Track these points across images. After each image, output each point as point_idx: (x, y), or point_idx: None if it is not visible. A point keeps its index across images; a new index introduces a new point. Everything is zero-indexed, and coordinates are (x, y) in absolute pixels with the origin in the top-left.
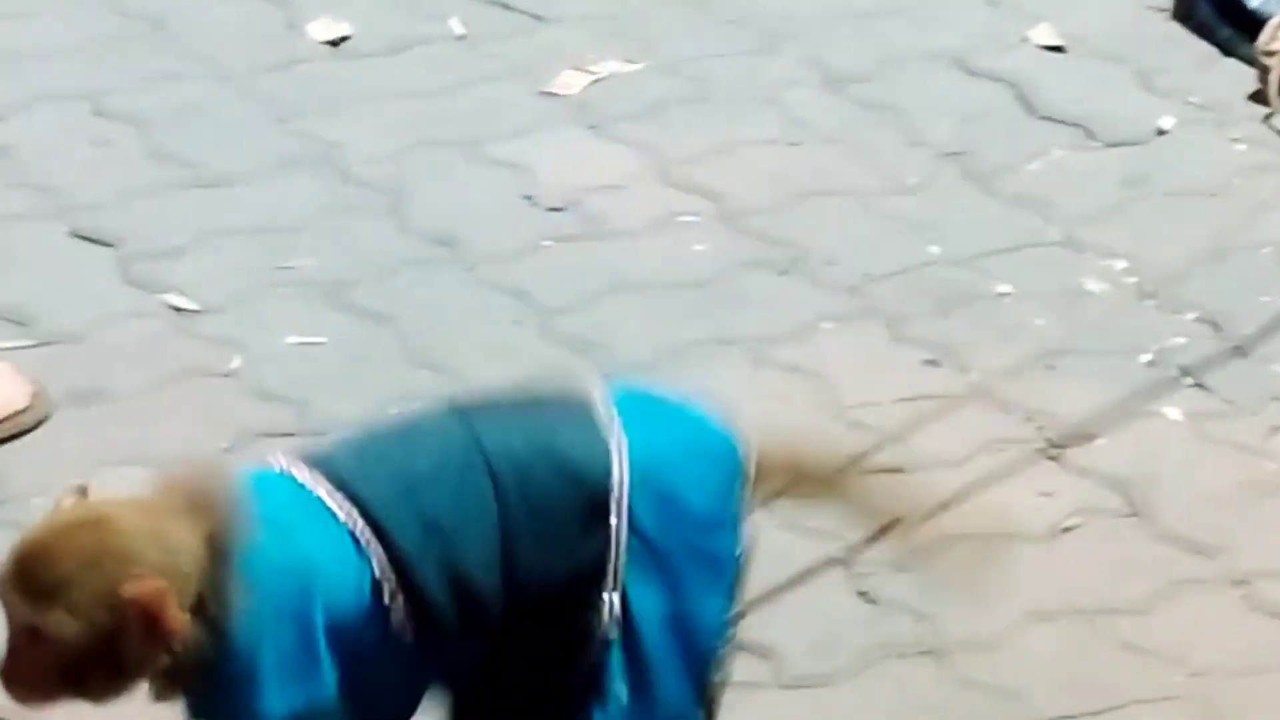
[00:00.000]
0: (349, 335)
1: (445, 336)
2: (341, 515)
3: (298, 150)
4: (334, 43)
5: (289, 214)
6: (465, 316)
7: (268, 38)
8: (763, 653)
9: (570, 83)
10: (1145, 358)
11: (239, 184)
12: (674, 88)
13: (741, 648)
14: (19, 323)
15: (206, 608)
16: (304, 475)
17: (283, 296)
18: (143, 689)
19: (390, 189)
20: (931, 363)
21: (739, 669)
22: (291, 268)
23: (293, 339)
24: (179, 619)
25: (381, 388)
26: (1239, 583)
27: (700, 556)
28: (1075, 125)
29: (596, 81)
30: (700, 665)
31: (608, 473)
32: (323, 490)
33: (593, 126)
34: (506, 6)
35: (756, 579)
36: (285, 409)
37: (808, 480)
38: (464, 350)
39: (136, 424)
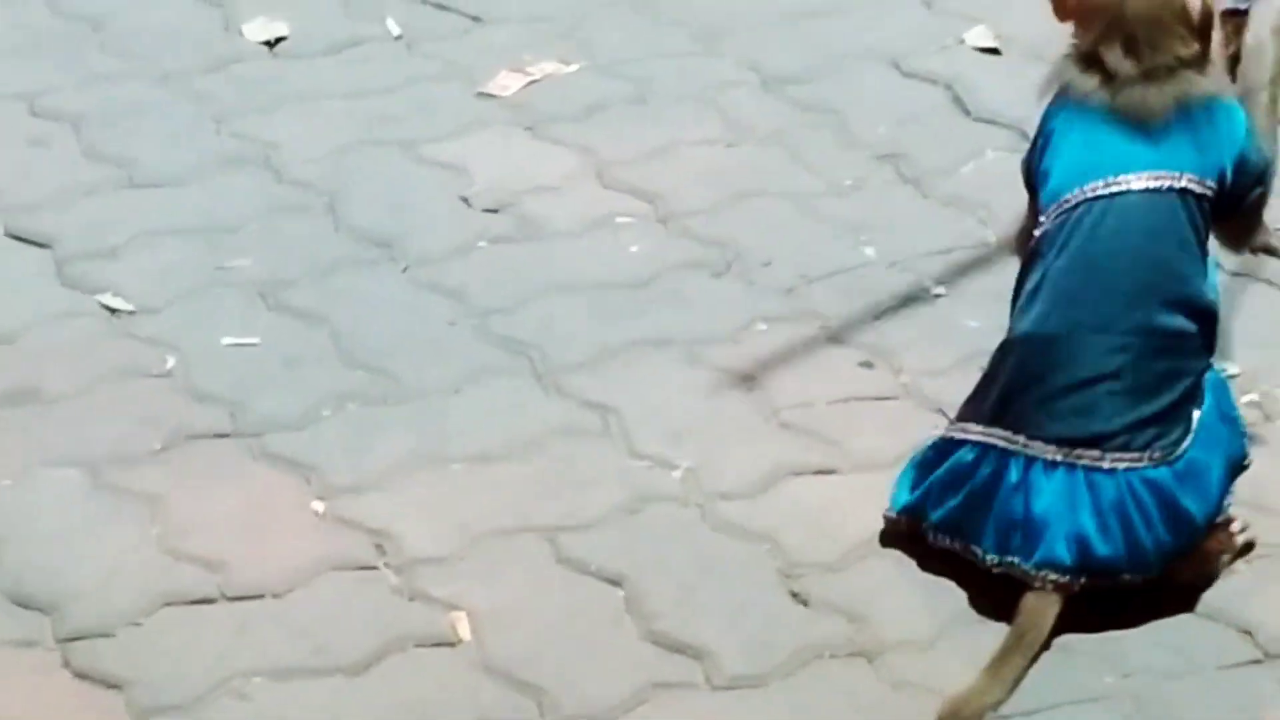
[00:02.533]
0: (284, 335)
1: (380, 337)
2: None
3: (234, 151)
4: (271, 43)
5: (225, 214)
6: (400, 317)
7: (204, 39)
8: (695, 654)
9: (507, 84)
10: None
11: (175, 184)
12: (611, 89)
13: (674, 649)
14: None
15: None
16: None
17: (218, 297)
18: None
19: (326, 189)
20: (866, 364)
21: (671, 670)
22: (227, 268)
23: (228, 339)
24: None
25: (316, 388)
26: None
27: None
28: (1009, 127)
29: (533, 83)
30: None
31: None
32: None
33: (529, 128)
34: (444, 7)
35: (687, 580)
36: (219, 409)
37: None
38: (399, 351)
39: (71, 424)
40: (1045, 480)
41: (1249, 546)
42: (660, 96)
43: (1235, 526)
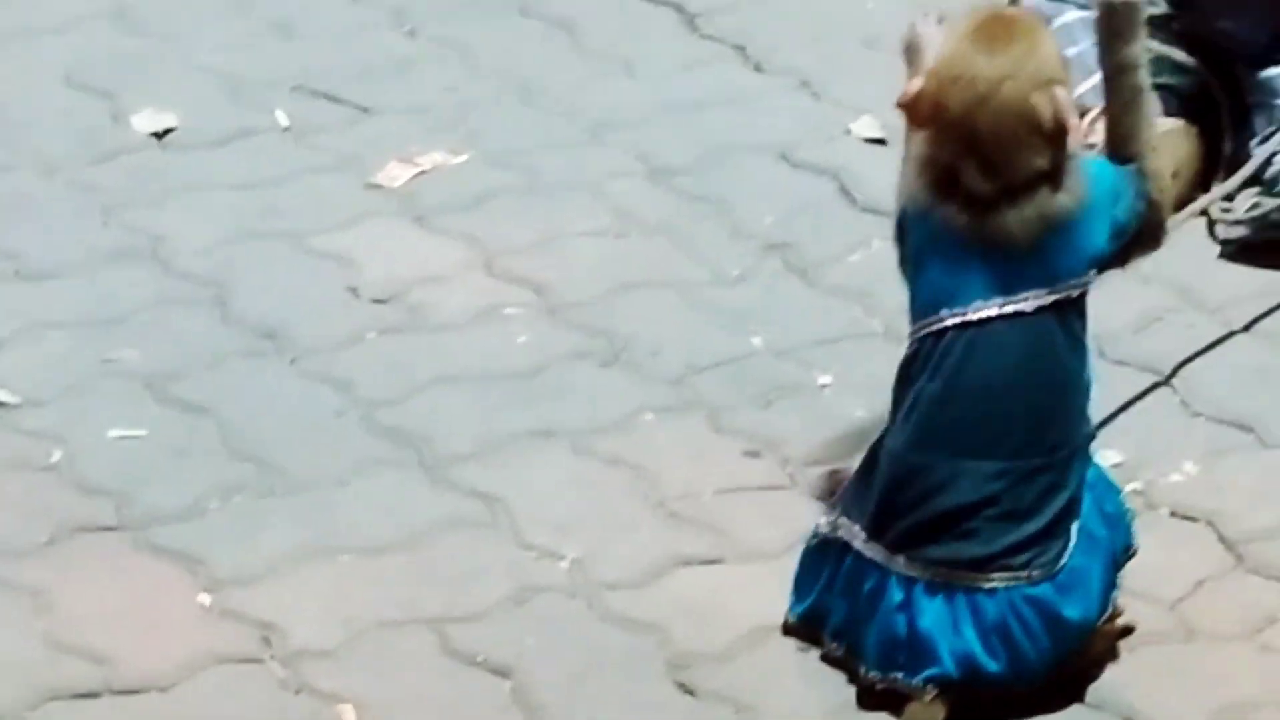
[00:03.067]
0: (171, 428)
1: (267, 429)
2: None
3: (122, 242)
4: (159, 134)
5: (112, 306)
6: (288, 409)
7: (93, 130)
8: None
9: (396, 174)
10: None
11: (63, 276)
12: (500, 179)
13: None
14: None
15: None
16: None
17: (105, 389)
18: None
19: (214, 281)
20: (752, 453)
21: None
22: (114, 360)
23: (114, 432)
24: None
25: (203, 480)
26: None
27: None
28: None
29: (422, 173)
30: None
31: None
32: None
33: (418, 218)
34: (333, 98)
35: (575, 671)
36: (106, 502)
37: None
38: (286, 442)
39: None
40: (927, 601)
41: (1128, 630)
42: (548, 186)
43: (1120, 621)
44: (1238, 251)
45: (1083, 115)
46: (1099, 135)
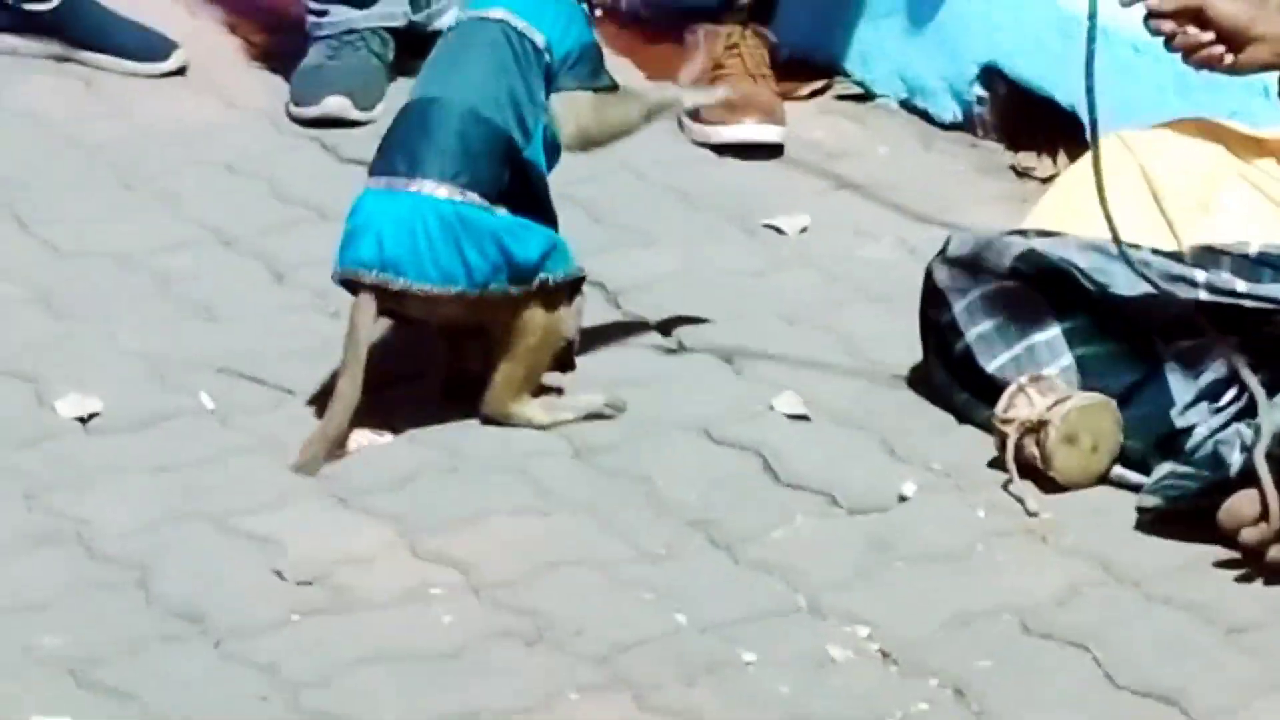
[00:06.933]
0: (95, 714)
1: (192, 713)
2: None
3: (45, 527)
4: (84, 419)
5: (34, 592)
6: (212, 692)
7: (16, 415)
8: None
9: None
10: None
11: None
12: (425, 458)
13: None
14: None
15: None
16: None
17: (27, 676)
18: None
19: (138, 564)
20: None
21: None
22: (36, 647)
23: (36, 718)
24: None
25: None
26: None
27: None
28: (819, 492)
29: (347, 453)
30: None
31: None
32: None
33: (342, 499)
34: (257, 380)
35: None
36: None
37: None
38: None
39: None
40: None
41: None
42: (473, 466)
43: None
44: (1156, 521)
45: None
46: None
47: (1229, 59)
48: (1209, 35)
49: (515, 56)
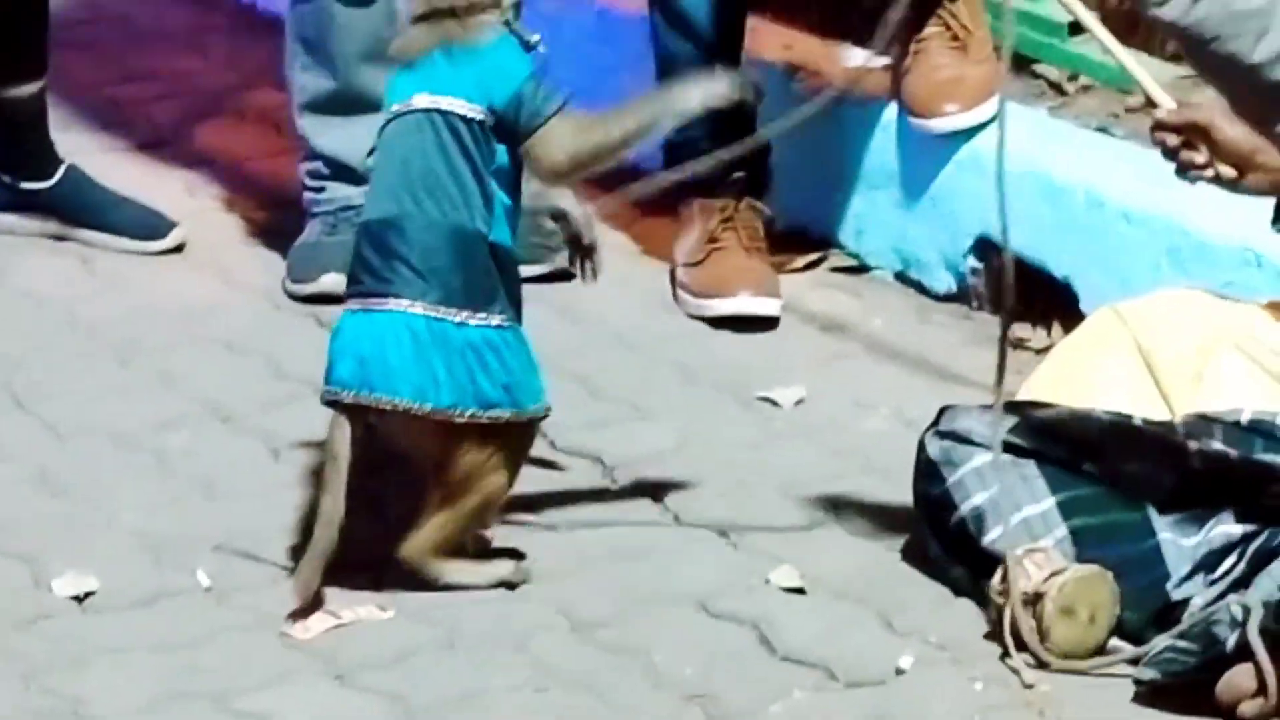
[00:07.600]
0: None
1: None
2: None
3: (42, 707)
4: (80, 598)
5: None
6: None
7: (12, 595)
8: None
9: (310, 625)
10: None
11: None
12: (422, 634)
13: None
14: None
15: None
16: None
17: None
18: None
19: None
20: None
21: None
22: None
23: None
24: None
25: None
26: None
27: None
28: (816, 666)
29: (344, 629)
30: None
31: None
32: None
33: (339, 676)
34: (254, 558)
35: None
36: None
37: None
38: None
39: None
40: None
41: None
42: (471, 642)
43: None
44: (1153, 694)
45: None
46: None
47: (1229, 174)
48: (1203, 157)
49: (453, 139)
